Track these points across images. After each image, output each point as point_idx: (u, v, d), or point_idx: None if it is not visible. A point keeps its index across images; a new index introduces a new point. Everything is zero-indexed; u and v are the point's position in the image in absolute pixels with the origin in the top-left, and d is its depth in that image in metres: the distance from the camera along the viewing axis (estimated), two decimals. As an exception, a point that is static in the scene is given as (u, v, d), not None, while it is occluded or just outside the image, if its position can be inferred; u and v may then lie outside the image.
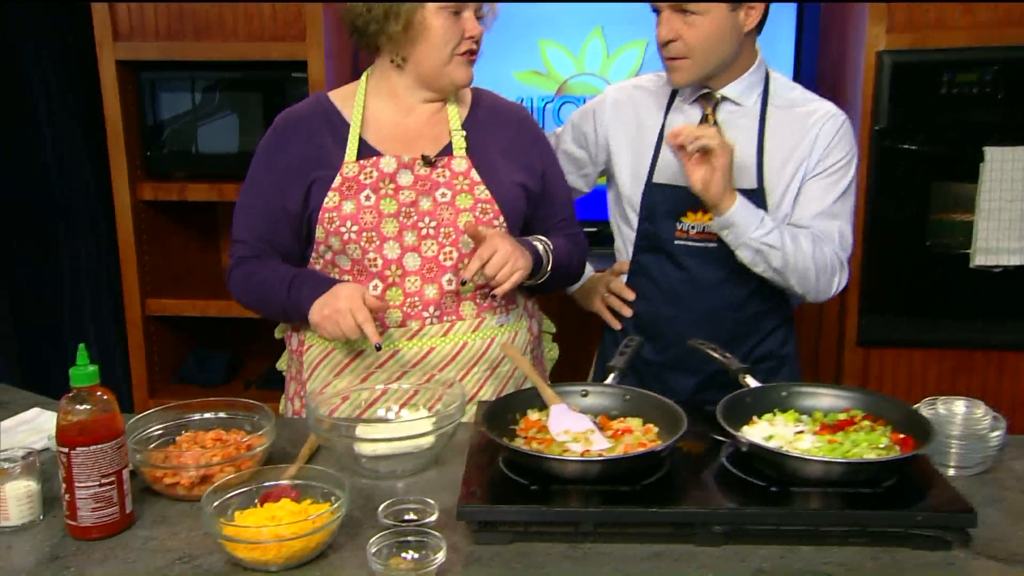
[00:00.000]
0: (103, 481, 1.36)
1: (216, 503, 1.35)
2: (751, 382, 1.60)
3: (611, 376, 1.65)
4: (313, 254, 1.84)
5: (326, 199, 1.77)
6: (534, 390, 1.61)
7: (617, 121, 2.00)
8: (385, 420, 1.70)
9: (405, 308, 1.79)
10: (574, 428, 1.48)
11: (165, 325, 3.11)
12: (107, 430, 1.36)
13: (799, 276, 1.85)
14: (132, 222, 2.95)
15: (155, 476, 1.47)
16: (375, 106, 1.84)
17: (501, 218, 1.80)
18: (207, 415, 1.64)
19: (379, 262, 1.78)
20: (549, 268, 1.84)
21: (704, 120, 1.91)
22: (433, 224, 1.79)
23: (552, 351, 2.08)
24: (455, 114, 1.86)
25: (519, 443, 1.49)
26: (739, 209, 1.78)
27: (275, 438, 1.56)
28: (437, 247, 1.80)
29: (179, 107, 2.92)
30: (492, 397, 1.82)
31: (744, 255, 1.83)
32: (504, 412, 1.55)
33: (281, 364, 2.06)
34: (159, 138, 2.94)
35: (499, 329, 1.84)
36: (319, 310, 1.71)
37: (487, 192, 1.81)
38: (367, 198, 1.78)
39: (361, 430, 1.54)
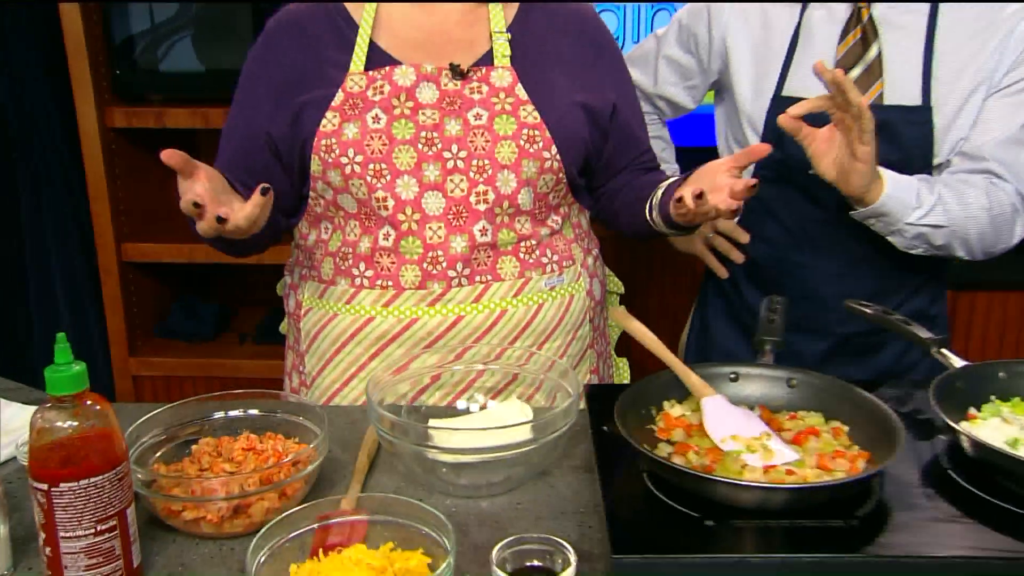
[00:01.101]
0: (100, 528, 0.95)
1: (265, 556, 0.96)
2: (954, 360, 1.21)
3: (767, 351, 1.26)
4: (311, 194, 1.42)
5: (323, 121, 1.35)
6: (668, 376, 1.21)
7: (738, 19, 1.58)
8: (463, 417, 1.30)
9: (425, 265, 1.38)
10: (743, 432, 1.10)
11: (145, 273, 2.71)
12: (102, 456, 0.95)
13: (968, 245, 1.47)
14: (102, 154, 2.51)
15: (170, 509, 1.07)
16: (392, 3, 1.41)
17: (553, 149, 1.38)
18: (233, 413, 1.23)
19: (390, 203, 1.37)
20: None
21: (855, 18, 1.49)
22: (463, 155, 1.37)
23: None
24: (498, 14, 1.42)
25: (665, 452, 1.10)
26: (891, 196, 1.38)
27: (327, 451, 1.15)
28: (468, 185, 1.37)
29: (154, 17, 2.45)
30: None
31: (898, 241, 1.45)
32: (634, 406, 1.16)
33: (282, 328, 1.65)
34: (130, 54, 2.48)
35: (548, 293, 1.45)
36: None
37: (536, 114, 1.38)
38: (375, 119, 1.35)
39: (441, 437, 1.14)
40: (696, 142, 2.03)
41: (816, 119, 1.33)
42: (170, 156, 1.16)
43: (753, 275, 1.65)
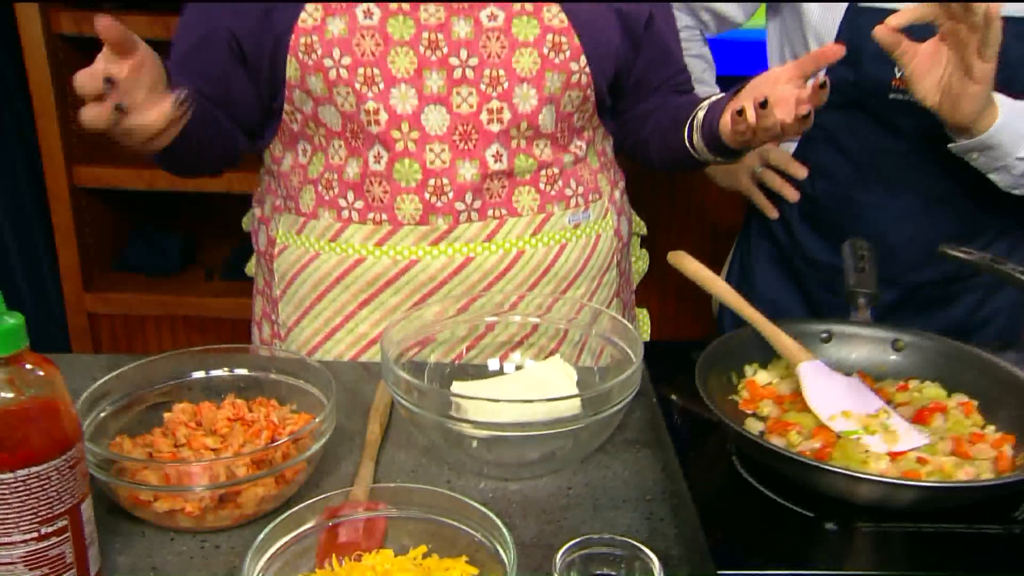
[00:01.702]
0: (44, 531, 0.72)
1: (263, 566, 0.74)
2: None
3: (861, 306, 1.05)
4: (285, 107, 1.17)
5: (302, 15, 1.09)
6: (746, 335, 1.00)
7: None
8: (496, 379, 1.08)
9: (427, 195, 1.15)
10: (855, 407, 0.89)
11: (100, 199, 2.45)
12: (46, 436, 0.72)
13: None
14: (48, 64, 2.23)
15: (138, 498, 0.84)
16: None
17: (582, 60, 1.15)
18: (215, 372, 0.99)
19: (382, 117, 1.12)
20: None
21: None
22: (473, 62, 1.13)
23: (641, 261, 1.47)
24: None
25: (756, 430, 0.89)
26: (1005, 125, 1.16)
27: (335, 421, 0.93)
28: (478, 100, 1.14)
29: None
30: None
31: (1001, 179, 1.24)
32: (713, 371, 0.94)
33: (249, 269, 1.41)
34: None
35: (572, 232, 1.22)
36: None
37: (563, 16, 1.14)
38: (367, 14, 1.10)
39: (474, 408, 0.91)
40: (735, 70, 1.78)
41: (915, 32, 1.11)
42: (107, 28, 0.90)
43: (809, 215, 1.44)
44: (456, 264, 1.17)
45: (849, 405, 0.89)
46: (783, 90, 1.01)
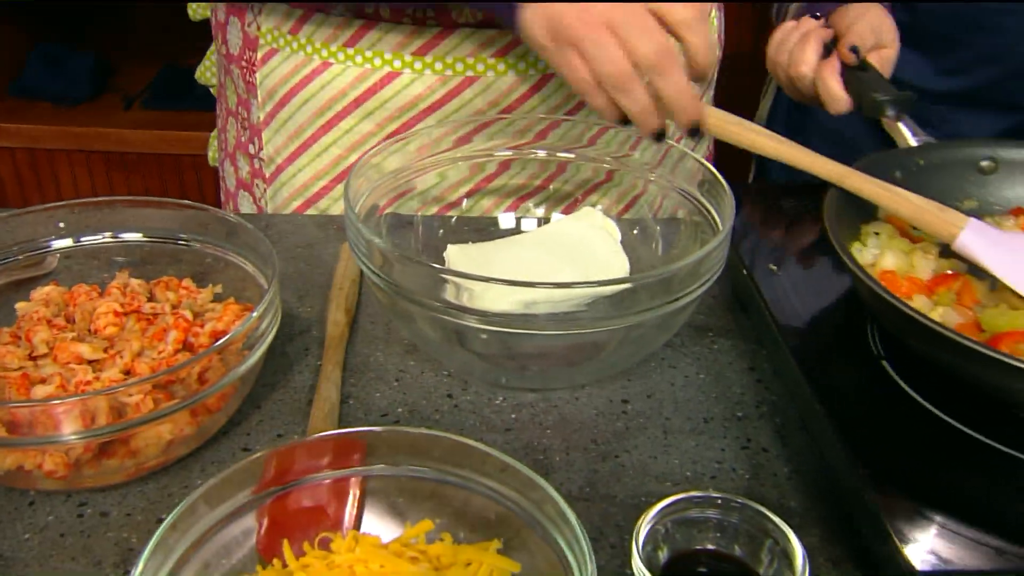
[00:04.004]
0: None
1: (172, 567, 0.44)
2: None
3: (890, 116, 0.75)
4: None
5: None
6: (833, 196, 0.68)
7: None
8: (510, 241, 0.76)
9: None
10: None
11: (-11, 10, 2.03)
12: None
13: None
14: None
15: (-34, 448, 0.53)
16: None
17: None
18: (96, 237, 0.66)
19: None
20: None
21: None
22: None
23: None
24: None
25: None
26: None
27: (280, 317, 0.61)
28: None
29: None
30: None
31: None
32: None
33: (203, 75, 1.05)
34: None
35: None
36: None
37: None
38: None
39: (480, 292, 0.59)
40: None
41: None
42: None
43: (912, 30, 1.11)
44: (531, 83, 0.81)
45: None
46: None
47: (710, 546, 0.52)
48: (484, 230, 0.77)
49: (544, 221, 0.77)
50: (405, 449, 0.52)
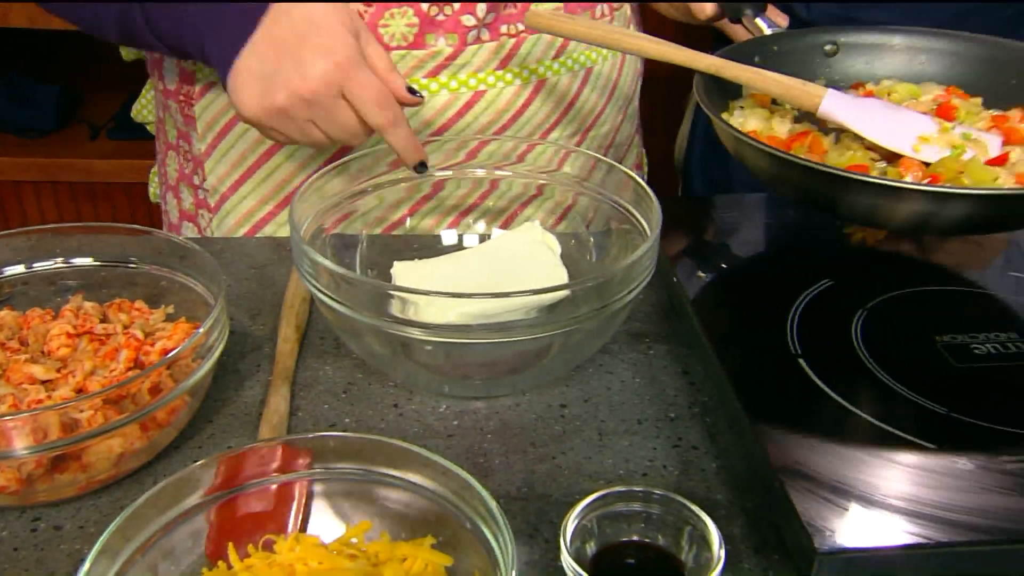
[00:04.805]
0: None
1: (117, 571, 0.47)
2: None
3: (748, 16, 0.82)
4: None
5: None
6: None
7: None
8: (454, 257, 0.79)
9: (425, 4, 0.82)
10: (923, 129, 0.71)
11: (-48, 40, 2.04)
12: None
13: None
14: None
15: (-79, 467, 0.55)
16: None
17: None
18: (48, 263, 0.69)
19: None
20: None
21: None
22: None
23: None
24: None
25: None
26: None
27: (228, 334, 0.64)
28: None
29: None
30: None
31: None
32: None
33: (139, 113, 1.08)
34: None
35: (598, 52, 0.93)
36: (263, 79, 0.71)
37: None
38: None
39: (425, 306, 0.62)
40: None
41: None
42: None
43: None
44: (463, 101, 0.86)
45: (919, 128, 0.70)
46: None
47: (636, 537, 0.55)
48: (428, 247, 0.80)
49: (485, 237, 0.80)
50: (349, 455, 0.55)
